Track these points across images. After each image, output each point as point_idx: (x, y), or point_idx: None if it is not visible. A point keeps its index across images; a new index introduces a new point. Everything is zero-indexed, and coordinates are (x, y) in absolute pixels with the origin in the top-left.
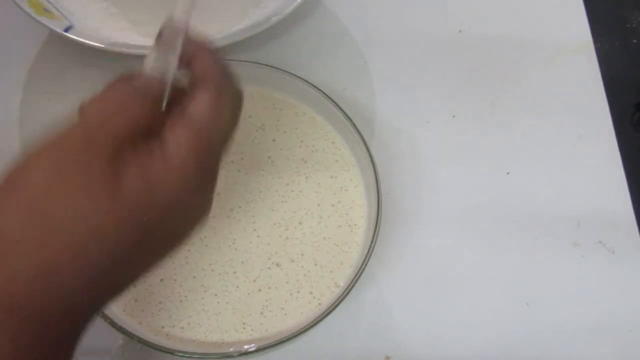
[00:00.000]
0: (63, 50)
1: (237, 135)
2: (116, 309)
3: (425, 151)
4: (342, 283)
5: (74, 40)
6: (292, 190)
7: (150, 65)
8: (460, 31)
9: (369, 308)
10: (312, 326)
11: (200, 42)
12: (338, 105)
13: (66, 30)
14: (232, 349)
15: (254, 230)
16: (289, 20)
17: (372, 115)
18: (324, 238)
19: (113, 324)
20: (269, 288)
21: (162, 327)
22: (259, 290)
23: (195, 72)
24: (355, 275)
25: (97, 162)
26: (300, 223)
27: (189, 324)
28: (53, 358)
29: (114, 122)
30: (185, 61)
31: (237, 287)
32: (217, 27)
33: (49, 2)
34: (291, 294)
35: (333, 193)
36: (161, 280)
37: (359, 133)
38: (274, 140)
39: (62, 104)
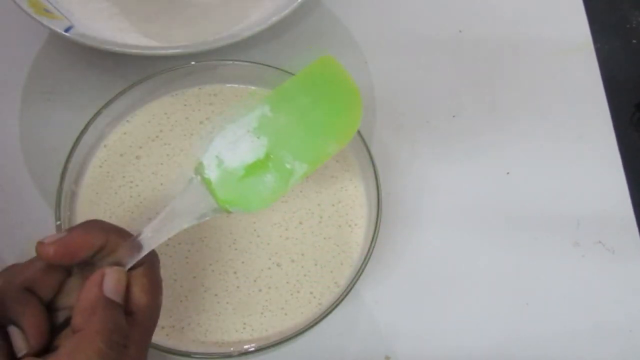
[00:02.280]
0: (63, 50)
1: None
2: None
3: (425, 151)
4: (342, 283)
5: (74, 40)
6: (292, 190)
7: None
8: (460, 31)
9: (369, 308)
10: (312, 326)
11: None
12: None
13: (66, 30)
14: (232, 349)
15: (254, 230)
16: (289, 20)
17: (372, 115)
18: (324, 238)
19: None
20: (269, 288)
21: (162, 327)
22: (259, 290)
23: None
24: (355, 275)
25: None
26: (300, 223)
27: (189, 324)
28: None
29: None
30: None
31: (238, 287)
32: (217, 27)
33: (49, 2)
34: (291, 294)
35: (333, 193)
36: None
37: (359, 133)
38: None
39: (62, 104)
